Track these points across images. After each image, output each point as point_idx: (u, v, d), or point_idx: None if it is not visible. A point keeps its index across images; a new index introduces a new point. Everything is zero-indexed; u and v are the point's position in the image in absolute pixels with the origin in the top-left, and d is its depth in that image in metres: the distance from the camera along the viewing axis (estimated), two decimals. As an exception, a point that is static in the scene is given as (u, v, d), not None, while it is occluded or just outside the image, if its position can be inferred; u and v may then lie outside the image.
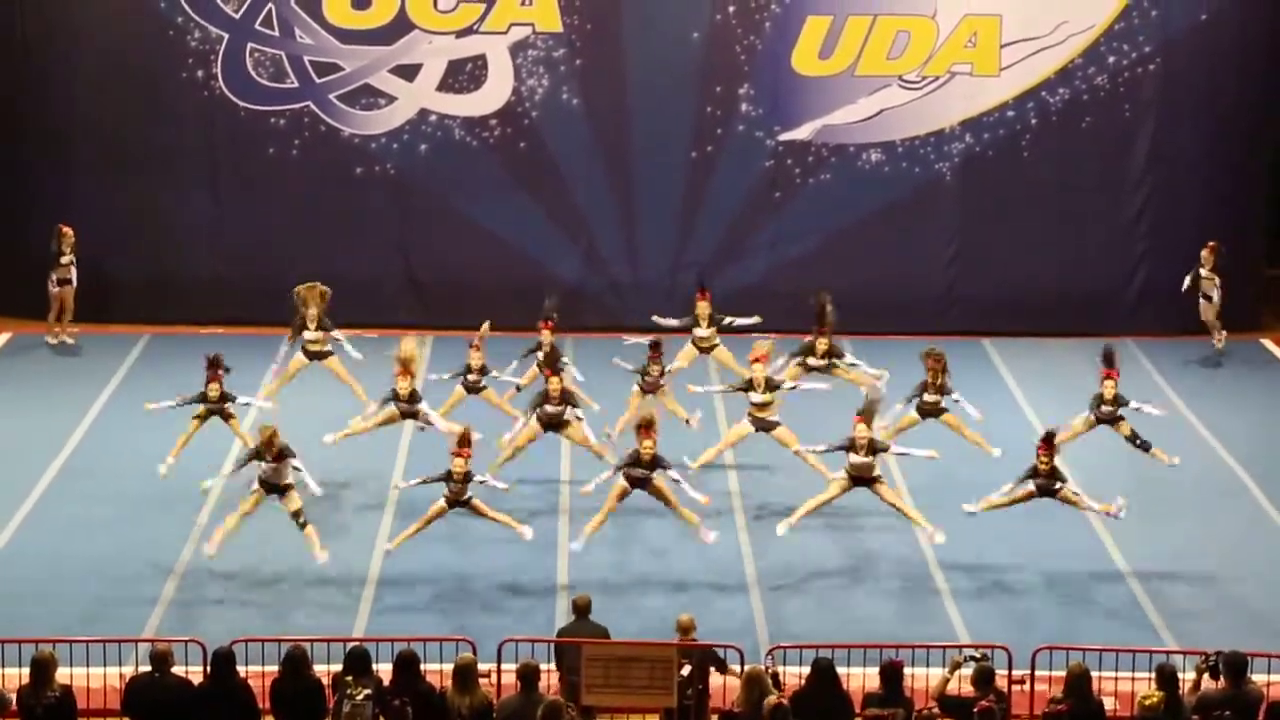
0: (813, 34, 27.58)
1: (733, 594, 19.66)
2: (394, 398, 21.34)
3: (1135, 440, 21.40)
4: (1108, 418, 21.47)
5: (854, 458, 19.89)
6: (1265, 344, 28.09)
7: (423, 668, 15.50)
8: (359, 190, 27.92)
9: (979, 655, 15.95)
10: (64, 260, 26.34)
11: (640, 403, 22.52)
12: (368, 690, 15.21)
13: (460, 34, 27.62)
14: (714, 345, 23.63)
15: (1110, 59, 27.69)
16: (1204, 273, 26.57)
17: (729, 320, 23.61)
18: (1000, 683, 15.86)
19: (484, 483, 19.48)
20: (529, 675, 15.32)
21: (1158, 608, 19.48)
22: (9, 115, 27.90)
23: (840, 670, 15.80)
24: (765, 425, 21.52)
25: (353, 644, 15.94)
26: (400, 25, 27.51)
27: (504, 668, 16.37)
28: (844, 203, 27.97)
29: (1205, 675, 15.88)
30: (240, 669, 15.56)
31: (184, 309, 27.95)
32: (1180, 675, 15.54)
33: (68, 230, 26.32)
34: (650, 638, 17.03)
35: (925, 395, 21.79)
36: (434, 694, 15.26)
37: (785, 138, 27.91)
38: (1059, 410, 24.56)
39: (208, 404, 21.19)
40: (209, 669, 15.54)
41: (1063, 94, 27.78)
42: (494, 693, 15.99)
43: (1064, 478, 19.70)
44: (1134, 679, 16.65)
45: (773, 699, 14.91)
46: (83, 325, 26.97)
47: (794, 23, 27.59)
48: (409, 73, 27.70)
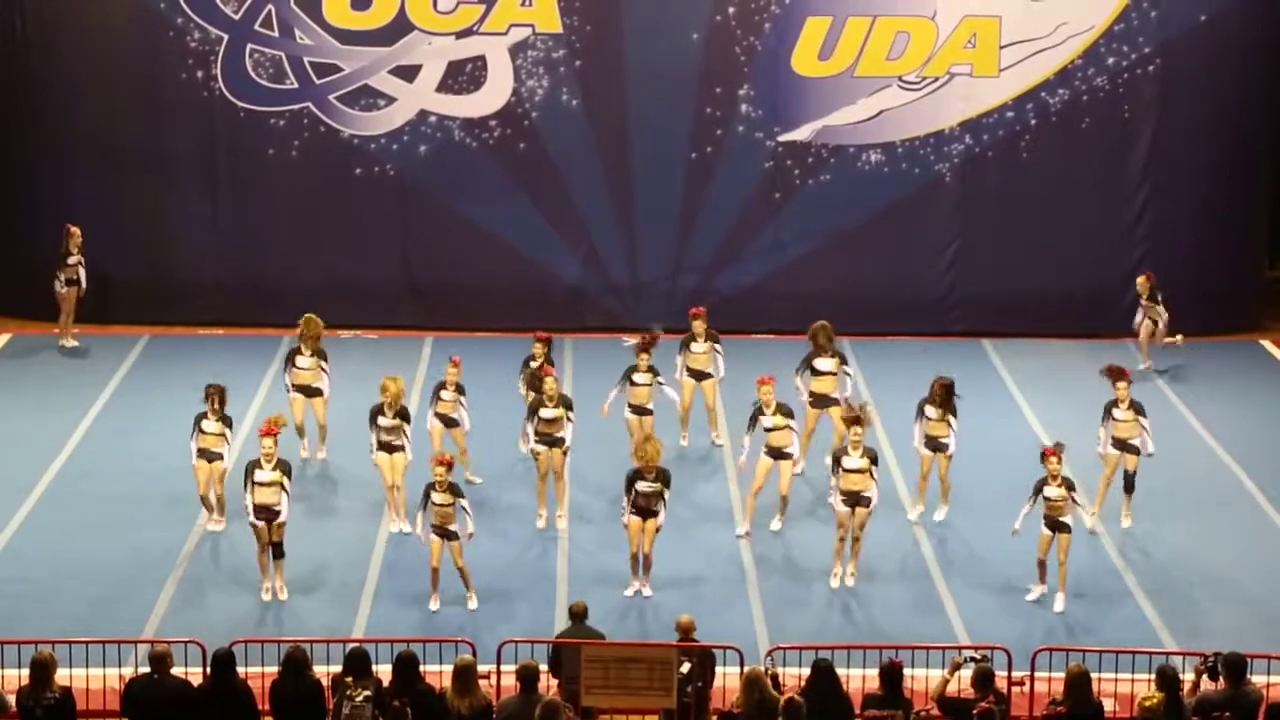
0: (812, 35, 27.58)
1: (733, 594, 19.65)
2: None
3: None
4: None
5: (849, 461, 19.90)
6: (1265, 345, 28.07)
7: (422, 669, 15.53)
8: (358, 191, 27.90)
9: (979, 656, 15.95)
10: (71, 261, 26.28)
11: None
12: (367, 692, 15.21)
13: (460, 35, 27.62)
14: (707, 374, 23.44)
15: (1110, 60, 27.69)
16: (1143, 302, 26.02)
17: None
18: (1000, 684, 15.88)
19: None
20: (529, 676, 15.33)
21: (1157, 609, 19.47)
22: (9, 116, 27.89)
23: (840, 671, 15.82)
24: (779, 454, 21.11)
25: (352, 645, 15.96)
26: (400, 26, 27.51)
27: (504, 669, 16.38)
28: (844, 204, 27.96)
29: (1204, 676, 15.90)
30: (240, 670, 15.57)
31: (183, 310, 27.95)
32: (1180, 676, 15.56)
33: (75, 230, 26.26)
34: (650, 639, 17.01)
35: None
36: (433, 695, 15.27)
37: (785, 139, 27.91)
38: (1058, 411, 24.66)
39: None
40: (209, 670, 15.55)
41: (1062, 95, 27.78)
42: (493, 694, 15.99)
43: (1073, 485, 19.53)
44: (1134, 680, 16.68)
45: (788, 695, 14.93)
46: (82, 326, 26.94)
47: (794, 24, 27.59)
48: (409, 73, 27.69)
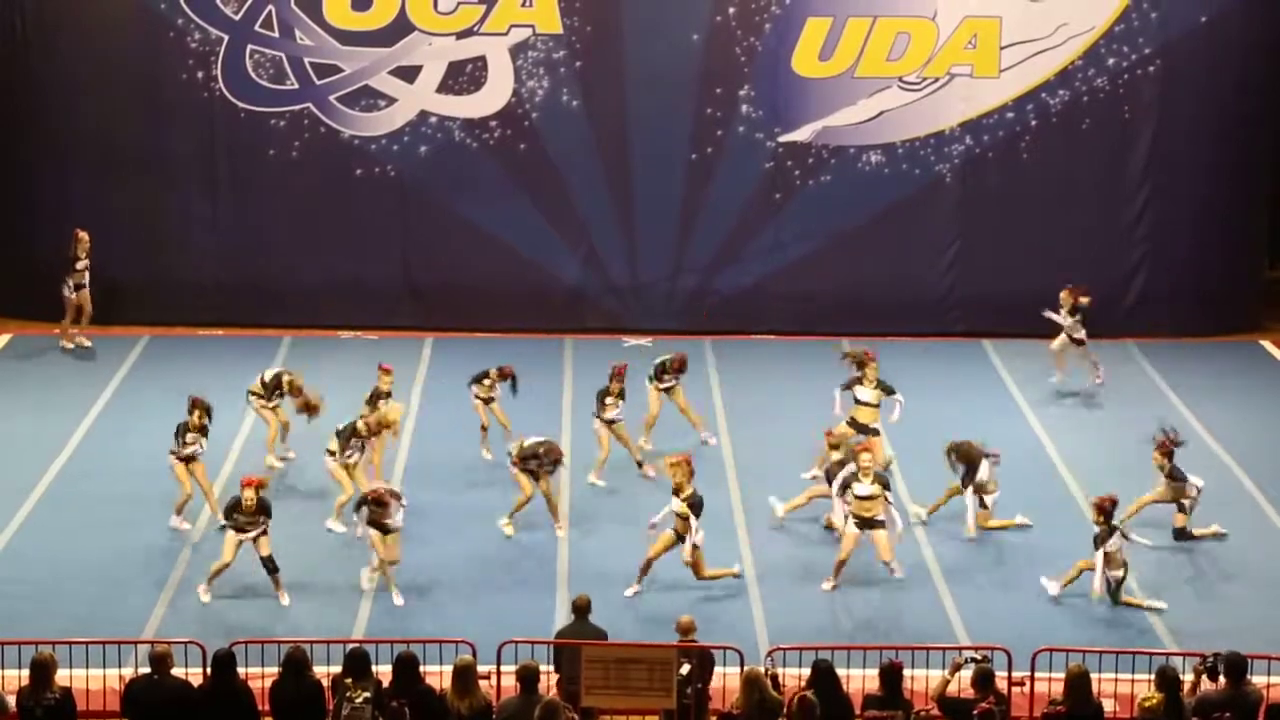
0: (813, 36, 27.59)
1: (733, 595, 19.66)
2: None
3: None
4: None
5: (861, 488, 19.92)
6: (1265, 346, 28.07)
7: (422, 669, 15.53)
8: (359, 192, 27.92)
9: (979, 657, 15.96)
10: (79, 265, 26.23)
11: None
12: (367, 693, 15.22)
13: (460, 35, 27.63)
14: (673, 386, 23.48)
15: (1110, 61, 27.69)
16: (1061, 314, 25.12)
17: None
18: (1000, 684, 15.89)
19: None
20: (529, 677, 15.33)
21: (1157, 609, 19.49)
22: (9, 116, 27.90)
23: (840, 671, 15.82)
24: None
25: (352, 645, 15.96)
26: (400, 27, 27.52)
27: (504, 669, 16.39)
28: (844, 204, 27.96)
29: (1204, 677, 15.91)
30: (240, 670, 15.57)
31: (183, 310, 27.97)
32: (1180, 677, 15.57)
33: (84, 235, 26.24)
34: (650, 639, 17.01)
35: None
36: (433, 695, 15.28)
37: (785, 139, 27.91)
38: (1058, 412, 24.66)
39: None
40: (209, 671, 15.55)
41: (1062, 96, 27.79)
42: (493, 694, 15.99)
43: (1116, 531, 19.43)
44: (1134, 681, 16.69)
45: (799, 693, 14.95)
46: (81, 328, 26.91)
47: (794, 24, 27.60)
48: (409, 74, 27.70)
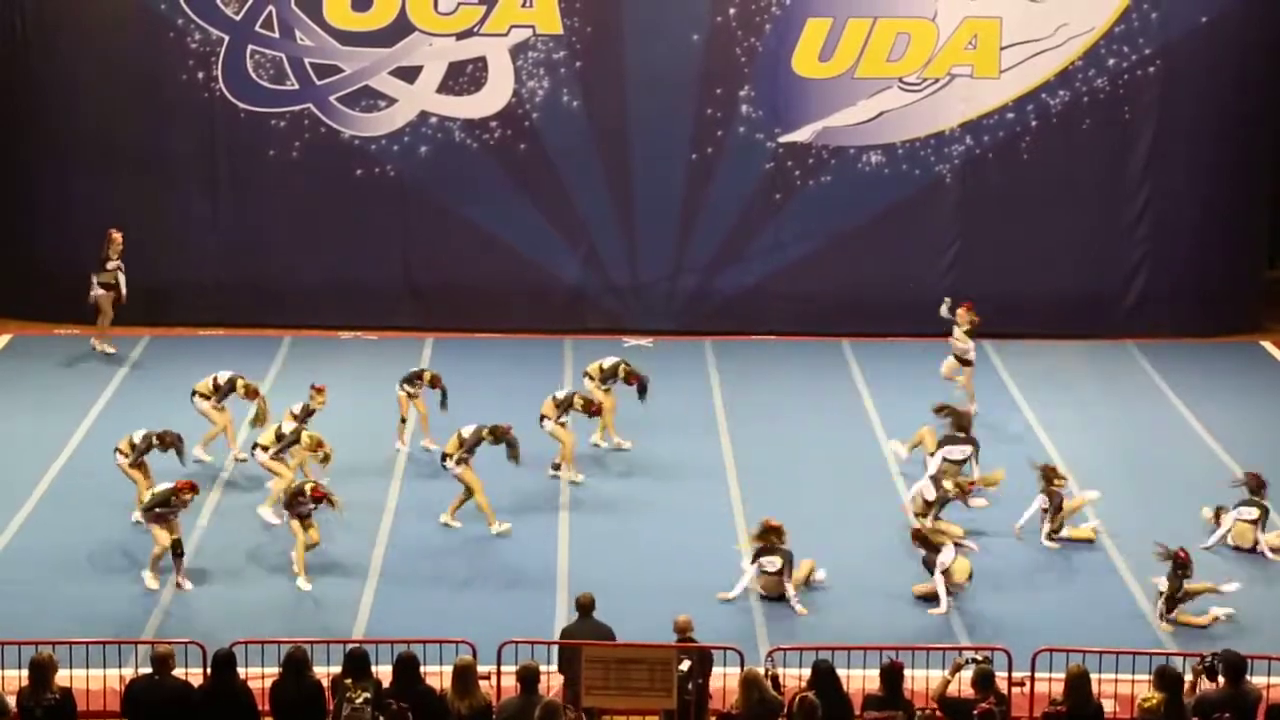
0: (813, 36, 27.58)
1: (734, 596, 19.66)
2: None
3: None
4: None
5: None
6: (1266, 346, 28.07)
7: (422, 670, 15.52)
8: (359, 192, 27.91)
9: (979, 657, 15.97)
10: (110, 266, 26.07)
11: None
12: (367, 694, 15.20)
13: (461, 36, 27.62)
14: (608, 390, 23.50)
15: (1110, 61, 27.68)
16: (958, 333, 24.46)
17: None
18: (1000, 684, 15.88)
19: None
20: (529, 677, 15.32)
21: (1157, 609, 19.45)
22: (9, 116, 27.89)
23: (840, 672, 15.81)
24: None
25: (352, 646, 15.95)
26: (401, 27, 27.51)
27: (504, 669, 16.38)
28: (844, 205, 27.96)
29: (1203, 677, 15.91)
30: (240, 671, 15.56)
31: (184, 311, 27.96)
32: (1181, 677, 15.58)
33: (116, 236, 26.07)
34: (651, 640, 17.00)
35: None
36: (433, 696, 15.27)
37: (785, 140, 27.90)
38: (1059, 412, 24.66)
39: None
40: (209, 671, 15.54)
41: (1063, 96, 27.78)
42: (494, 695, 15.99)
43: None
44: (1134, 681, 16.69)
45: (801, 694, 14.95)
46: (82, 327, 26.95)
47: (794, 25, 27.59)
48: (409, 74, 27.69)
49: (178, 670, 15.55)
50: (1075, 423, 24.55)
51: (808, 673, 15.65)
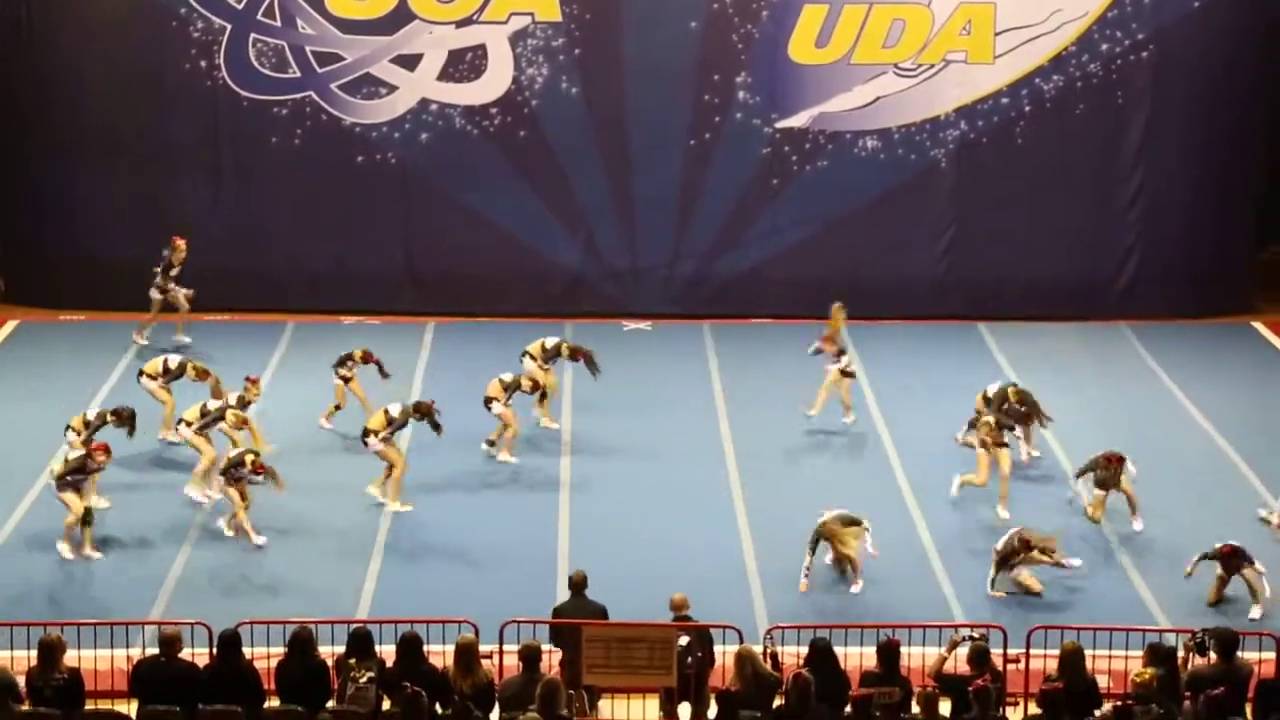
0: (809, 23, 27.56)
1: (732, 575, 19.67)
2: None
3: None
4: None
5: None
6: (1257, 327, 28.08)
7: (425, 649, 15.55)
8: (361, 178, 27.91)
9: (975, 635, 16.01)
10: (173, 271, 25.81)
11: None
12: (371, 673, 15.25)
13: (460, 23, 27.61)
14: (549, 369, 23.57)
15: (1103, 46, 27.67)
16: (819, 344, 23.42)
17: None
18: (996, 661, 15.91)
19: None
20: (531, 656, 15.36)
21: (1150, 586, 19.49)
22: (16, 106, 27.89)
23: (838, 650, 15.85)
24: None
25: (355, 626, 15.98)
26: (401, 15, 27.49)
27: (506, 649, 16.40)
28: (841, 189, 27.96)
29: (1194, 653, 15.95)
30: (245, 651, 15.58)
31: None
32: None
33: (181, 242, 25.85)
34: (650, 620, 17.02)
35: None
36: (437, 674, 15.30)
37: (783, 125, 27.89)
38: (1052, 394, 24.59)
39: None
40: (215, 651, 15.56)
41: (1056, 81, 27.77)
42: (496, 673, 16.00)
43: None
44: (1127, 657, 16.71)
45: (795, 671, 14.98)
46: (87, 313, 26.94)
47: (791, 11, 27.58)
48: (410, 62, 27.68)
49: (184, 651, 15.59)
50: (1069, 404, 24.53)
51: (806, 650, 15.69)
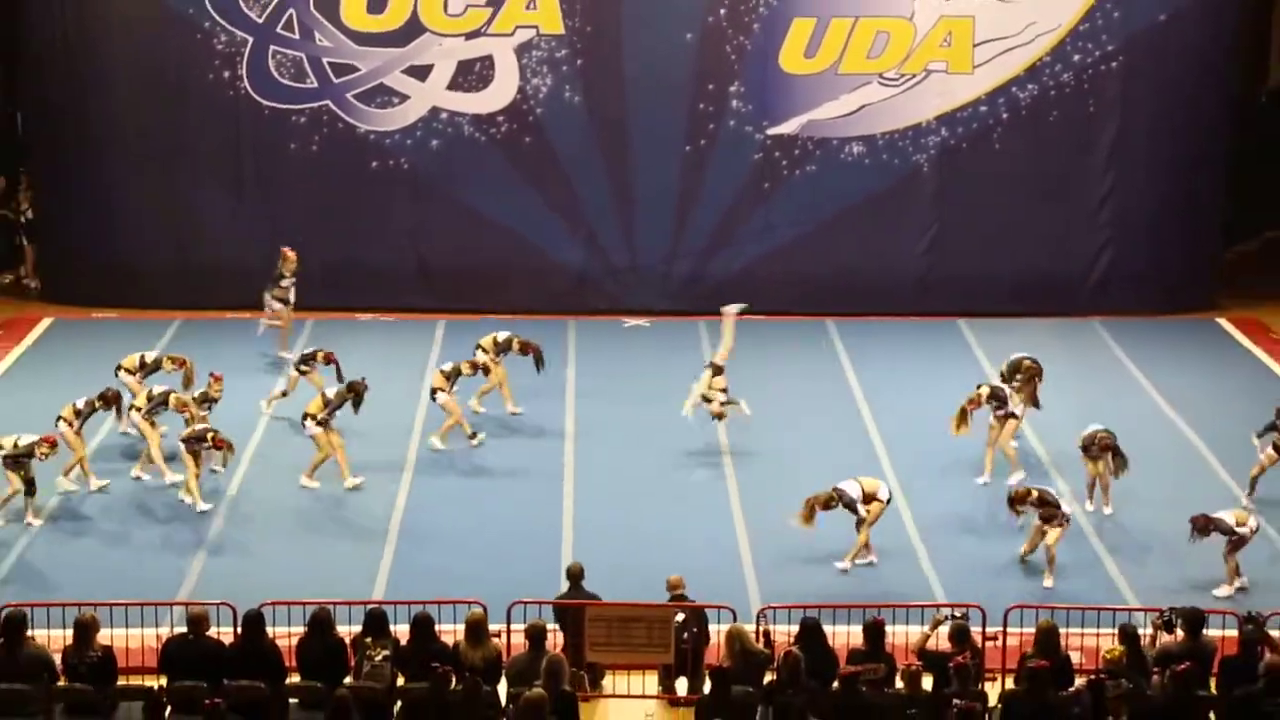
0: (798, 35, 27.62)
1: (726, 558, 19.77)
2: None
3: None
4: None
5: None
6: (1221, 323, 28.14)
7: (437, 628, 15.65)
8: (374, 183, 27.97)
9: (956, 614, 16.10)
10: (285, 282, 25.62)
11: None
12: (386, 651, 15.36)
13: (469, 36, 27.67)
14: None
15: (1076, 57, 27.73)
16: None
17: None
18: (975, 638, 16.01)
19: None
20: (537, 635, 15.47)
21: (1120, 568, 19.59)
22: (53, 114, 27.96)
23: (826, 628, 15.95)
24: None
25: (372, 606, 16.08)
26: (412, 28, 27.55)
27: (513, 628, 16.50)
28: (828, 193, 28.02)
29: (1162, 630, 16.05)
30: (268, 630, 15.68)
31: (212, 295, 28.00)
32: (1141, 631, 15.72)
33: (291, 255, 25.68)
34: (646, 599, 17.13)
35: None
36: (448, 651, 15.41)
37: (773, 132, 27.96)
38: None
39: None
40: (240, 630, 15.66)
41: (1032, 90, 27.83)
42: (504, 649, 16.10)
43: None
44: (1099, 635, 16.83)
45: (785, 649, 15.07)
46: (119, 311, 27.01)
47: (781, 24, 27.63)
48: (421, 73, 27.74)
49: (210, 630, 15.69)
50: (1043, 395, 24.59)
51: (797, 629, 15.79)
